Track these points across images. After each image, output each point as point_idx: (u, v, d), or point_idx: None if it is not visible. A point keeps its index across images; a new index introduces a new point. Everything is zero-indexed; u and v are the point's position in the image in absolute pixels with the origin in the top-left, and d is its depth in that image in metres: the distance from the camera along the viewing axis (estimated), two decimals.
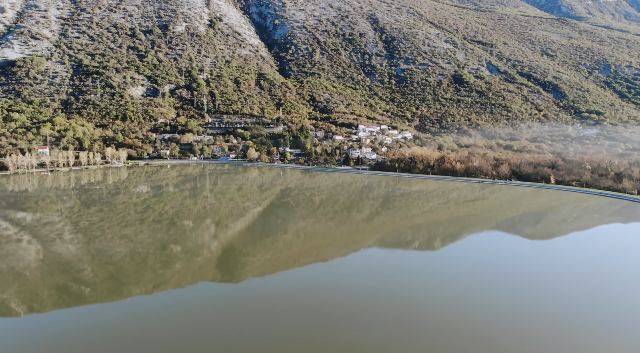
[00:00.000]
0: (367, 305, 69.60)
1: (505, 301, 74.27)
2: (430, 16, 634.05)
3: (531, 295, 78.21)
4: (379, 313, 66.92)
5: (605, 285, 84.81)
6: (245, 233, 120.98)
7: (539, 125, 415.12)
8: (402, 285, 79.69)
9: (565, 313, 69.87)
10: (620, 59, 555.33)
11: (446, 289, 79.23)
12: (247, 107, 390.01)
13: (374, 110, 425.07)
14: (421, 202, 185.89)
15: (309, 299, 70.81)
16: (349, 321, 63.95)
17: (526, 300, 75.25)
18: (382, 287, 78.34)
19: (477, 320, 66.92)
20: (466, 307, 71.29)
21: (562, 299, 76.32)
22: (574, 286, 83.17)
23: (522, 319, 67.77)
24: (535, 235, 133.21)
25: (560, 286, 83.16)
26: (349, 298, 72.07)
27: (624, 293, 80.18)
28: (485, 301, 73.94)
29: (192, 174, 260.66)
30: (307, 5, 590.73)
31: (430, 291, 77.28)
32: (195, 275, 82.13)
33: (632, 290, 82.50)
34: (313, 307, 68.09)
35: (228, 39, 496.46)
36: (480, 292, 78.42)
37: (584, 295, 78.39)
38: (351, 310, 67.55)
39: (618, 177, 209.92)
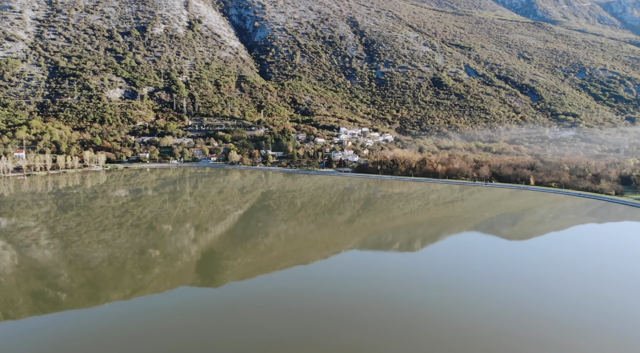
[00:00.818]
0: (347, 307, 69.89)
1: (485, 300, 75.37)
2: (409, 19, 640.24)
3: (509, 293, 79.55)
4: (359, 315, 67.27)
5: (580, 283, 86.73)
6: (226, 237, 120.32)
7: (517, 127, 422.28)
8: (382, 286, 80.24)
9: (544, 310, 71.25)
10: (595, 62, 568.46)
11: (426, 289, 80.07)
12: (228, 109, 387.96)
13: (355, 113, 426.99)
14: (402, 204, 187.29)
15: (290, 302, 70.79)
16: (330, 324, 64.13)
17: (505, 299, 76.53)
18: (362, 288, 78.75)
19: (457, 319, 67.77)
20: (445, 307, 72.14)
21: (540, 297, 77.77)
22: (552, 284, 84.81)
23: (502, 316, 68.88)
24: (513, 236, 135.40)
25: (537, 285, 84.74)
26: (330, 300, 72.27)
27: (600, 291, 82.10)
28: (464, 300, 74.91)
29: (172, 177, 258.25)
30: (286, 7, 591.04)
31: (410, 292, 77.99)
32: (174, 280, 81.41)
33: (607, 287, 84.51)
34: (294, 310, 68.09)
35: (207, 41, 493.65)
36: (459, 291, 79.42)
37: (561, 293, 80.00)
38: (332, 313, 67.75)
39: (596, 178, 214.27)
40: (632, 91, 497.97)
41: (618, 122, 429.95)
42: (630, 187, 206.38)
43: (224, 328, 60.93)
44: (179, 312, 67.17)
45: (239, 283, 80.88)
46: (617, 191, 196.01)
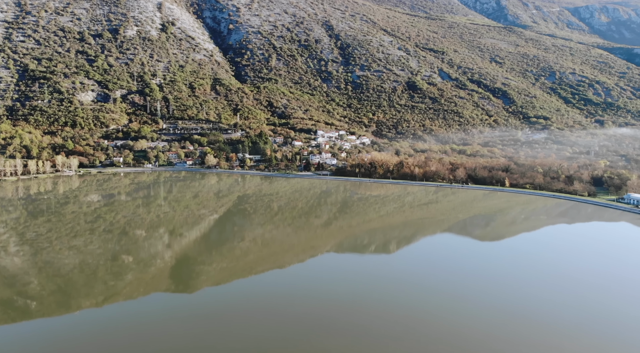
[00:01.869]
0: (323, 310, 70.09)
1: (458, 300, 76.57)
2: (384, 24, 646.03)
3: (482, 293, 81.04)
4: (335, 317, 67.54)
5: (551, 282, 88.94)
6: (201, 242, 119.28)
7: (490, 130, 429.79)
8: (358, 288, 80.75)
9: (518, 309, 72.90)
10: (565, 66, 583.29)
11: (401, 291, 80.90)
12: (203, 112, 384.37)
13: (331, 116, 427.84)
14: (378, 206, 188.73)
15: (266, 307, 70.61)
16: (307, 327, 64.24)
17: (477, 298, 77.91)
18: (338, 291, 79.11)
19: (433, 319, 68.70)
20: (421, 307, 73.07)
21: (513, 296, 79.47)
22: (524, 284, 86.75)
23: (476, 316, 70.09)
24: (486, 237, 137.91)
25: (510, 284, 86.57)
26: (306, 304, 72.37)
27: (570, 289, 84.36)
28: (439, 301, 75.99)
29: (146, 181, 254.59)
30: (261, 10, 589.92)
31: (386, 293, 78.67)
32: (148, 286, 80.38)
33: (578, 285, 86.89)
34: (270, 314, 67.96)
35: (181, 44, 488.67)
36: (434, 292, 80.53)
37: (532, 291, 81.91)
38: (308, 316, 67.85)
39: (569, 180, 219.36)
40: (600, 94, 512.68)
41: (588, 125, 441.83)
42: (602, 188, 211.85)
43: (198, 335, 60.42)
44: (152, 318, 66.36)
45: (214, 289, 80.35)
46: (590, 192, 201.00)
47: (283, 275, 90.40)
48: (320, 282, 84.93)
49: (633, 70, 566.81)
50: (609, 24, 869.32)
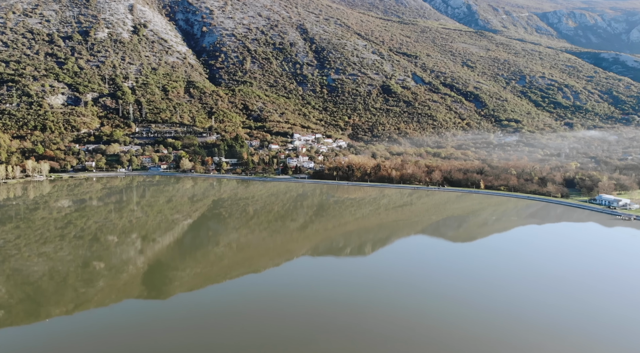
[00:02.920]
0: (298, 313, 70.13)
1: (432, 299, 77.64)
2: (357, 28, 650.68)
3: (455, 291, 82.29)
4: (311, 319, 67.67)
5: (523, 281, 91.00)
6: (174, 247, 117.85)
7: (463, 133, 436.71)
8: (333, 290, 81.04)
9: (492, 308, 74.34)
10: (535, 70, 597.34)
11: (375, 291, 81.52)
12: (177, 115, 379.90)
13: (307, 119, 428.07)
14: (354, 209, 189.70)
15: (241, 312, 70.28)
16: (282, 331, 64.16)
17: (452, 296, 79.09)
18: (314, 294, 79.26)
19: (404, 320, 69.47)
20: (395, 307, 73.77)
21: (484, 294, 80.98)
22: (494, 282, 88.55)
23: (450, 315, 71.18)
24: (458, 238, 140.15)
25: (482, 284, 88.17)
26: (281, 308, 72.26)
27: (540, 289, 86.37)
28: (414, 301, 76.89)
29: (119, 186, 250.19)
30: (235, 13, 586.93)
31: (360, 294, 79.17)
32: (120, 293, 79.05)
33: (545, 285, 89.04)
34: (244, 319, 67.63)
35: (154, 46, 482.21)
36: (408, 293, 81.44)
37: (502, 290, 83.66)
38: (283, 320, 67.78)
39: (542, 181, 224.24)
40: (569, 98, 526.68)
41: (557, 127, 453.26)
42: (574, 189, 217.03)
43: (171, 341, 59.77)
44: (124, 325, 65.33)
45: (188, 295, 79.50)
46: (563, 193, 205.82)
47: (258, 279, 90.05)
48: (295, 285, 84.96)
49: (600, 74, 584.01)
50: (576, 28, 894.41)
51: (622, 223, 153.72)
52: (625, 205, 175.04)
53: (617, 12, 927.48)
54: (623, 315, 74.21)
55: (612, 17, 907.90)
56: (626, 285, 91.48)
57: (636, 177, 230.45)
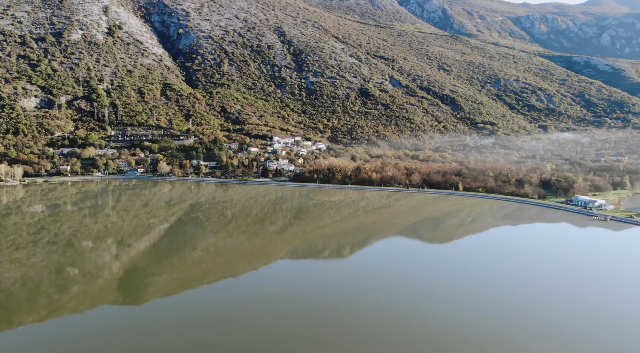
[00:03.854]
0: (276, 318, 70.01)
1: (410, 301, 78.41)
2: (335, 31, 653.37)
3: (431, 294, 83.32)
4: (289, 323, 67.63)
5: (494, 283, 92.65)
6: (150, 252, 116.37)
7: (440, 135, 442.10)
8: (311, 294, 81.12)
9: (470, 308, 75.44)
10: (509, 73, 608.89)
11: (353, 294, 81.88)
12: (153, 118, 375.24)
13: (286, 122, 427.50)
14: (333, 212, 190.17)
15: (217, 317, 69.83)
16: (259, 335, 63.96)
17: (427, 299, 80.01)
18: (292, 297, 79.21)
19: (384, 321, 69.99)
20: (372, 309, 74.26)
21: (462, 296, 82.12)
22: (472, 285, 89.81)
23: (428, 316, 71.97)
24: (435, 239, 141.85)
25: (458, 285, 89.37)
26: (258, 312, 72.02)
27: (514, 289, 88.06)
28: (389, 303, 77.50)
29: (94, 190, 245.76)
30: (212, 15, 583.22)
31: (339, 297, 79.45)
32: (94, 299, 77.73)
33: (522, 285, 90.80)
34: (222, 324, 67.22)
35: (129, 48, 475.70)
36: (386, 294, 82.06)
37: (481, 292, 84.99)
38: (260, 324, 67.59)
39: (519, 183, 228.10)
40: (543, 101, 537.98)
41: (532, 130, 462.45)
42: (551, 190, 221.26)
43: (147, 347, 59.08)
44: (98, 332, 64.29)
45: (164, 300, 78.61)
46: (540, 195, 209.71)
47: (236, 283, 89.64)
48: (274, 289, 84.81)
49: (572, 78, 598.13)
50: (548, 33, 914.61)
51: (597, 223, 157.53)
52: (601, 205, 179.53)
53: (588, 17, 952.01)
54: (603, 309, 76.22)
55: (583, 21, 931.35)
56: (603, 280, 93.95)
57: (610, 179, 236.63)
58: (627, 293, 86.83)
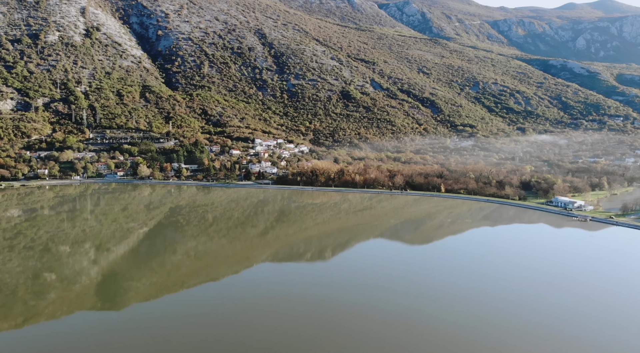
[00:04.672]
0: (256, 322, 69.90)
1: (390, 302, 79.04)
2: (316, 34, 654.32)
3: (412, 294, 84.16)
4: (269, 327, 67.59)
5: (475, 283, 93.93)
6: (129, 257, 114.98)
7: (421, 138, 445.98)
8: (292, 297, 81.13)
9: (450, 308, 76.42)
10: (487, 76, 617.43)
11: (334, 296, 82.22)
12: (133, 120, 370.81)
13: (268, 125, 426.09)
14: (315, 214, 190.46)
15: (197, 322, 69.38)
16: (239, 340, 63.80)
17: (409, 301, 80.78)
18: (272, 301, 79.14)
19: (366, 321, 70.45)
20: (353, 312, 74.66)
21: (442, 297, 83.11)
22: (450, 286, 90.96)
23: (410, 317, 72.67)
24: (415, 241, 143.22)
25: (438, 287, 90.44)
26: (238, 316, 71.85)
27: (493, 288, 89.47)
28: (370, 304, 78.00)
29: (72, 194, 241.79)
30: (191, 17, 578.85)
31: (319, 300, 79.68)
32: (72, 305, 76.61)
33: (501, 286, 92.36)
34: (202, 329, 66.80)
35: (107, 50, 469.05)
36: (367, 297, 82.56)
37: (461, 293, 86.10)
38: (241, 329, 67.40)
39: (500, 185, 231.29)
40: (521, 103, 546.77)
41: (510, 132, 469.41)
42: (531, 192, 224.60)
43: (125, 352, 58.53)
44: (76, 338, 63.44)
45: (143, 305, 77.85)
46: (521, 196, 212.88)
47: (216, 287, 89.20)
48: (254, 293, 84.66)
49: (549, 81, 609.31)
50: (525, 36, 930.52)
51: (577, 224, 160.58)
52: (580, 206, 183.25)
53: (564, 21, 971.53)
54: (585, 306, 77.91)
55: (559, 25, 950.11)
56: (585, 279, 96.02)
57: (588, 180, 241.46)
58: (610, 290, 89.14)
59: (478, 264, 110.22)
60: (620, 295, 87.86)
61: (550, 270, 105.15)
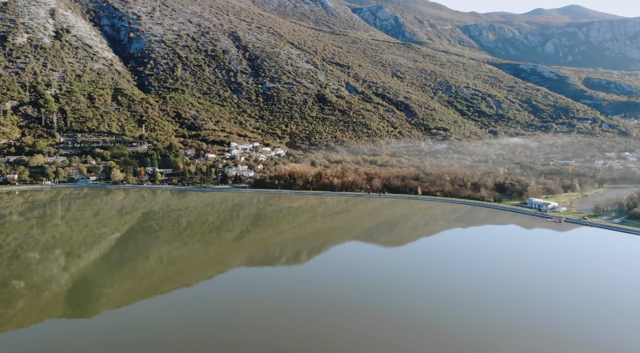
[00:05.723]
0: (229, 327, 69.59)
1: (365, 305, 79.67)
2: (290, 37, 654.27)
3: (387, 298, 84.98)
4: (242, 332, 67.35)
5: (446, 286, 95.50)
6: (101, 263, 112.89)
7: (396, 141, 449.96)
8: (265, 302, 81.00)
9: (420, 311, 77.45)
10: (459, 80, 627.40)
11: (309, 301, 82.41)
12: (105, 124, 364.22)
13: (244, 128, 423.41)
14: (291, 218, 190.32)
15: (170, 328, 68.71)
16: (213, 345, 63.40)
17: (385, 303, 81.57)
18: (246, 307, 78.89)
19: (339, 326, 70.84)
20: (328, 316, 75.00)
21: (416, 299, 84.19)
22: (424, 288, 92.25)
23: (384, 321, 73.35)
24: (390, 243, 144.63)
25: (411, 290, 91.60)
26: (212, 322, 71.37)
27: (468, 289, 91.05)
28: (346, 308, 78.50)
29: (43, 199, 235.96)
30: (164, 19, 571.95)
31: (294, 305, 79.76)
32: (41, 313, 74.91)
33: (469, 286, 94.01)
34: (174, 335, 66.16)
35: (78, 52, 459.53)
36: (341, 301, 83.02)
37: (435, 295, 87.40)
38: (214, 334, 66.98)
39: (475, 187, 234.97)
40: (492, 107, 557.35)
41: (483, 135, 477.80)
42: (505, 193, 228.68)
43: None
44: (45, 347, 62.12)
45: (115, 312, 76.62)
46: (496, 198, 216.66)
47: (189, 293, 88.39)
48: (228, 298, 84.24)
49: (520, 84, 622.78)
50: (496, 41, 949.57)
51: (547, 224, 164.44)
52: (554, 208, 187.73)
53: (533, 26, 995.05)
54: (562, 304, 79.91)
55: (528, 30, 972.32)
56: (560, 277, 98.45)
57: (560, 181, 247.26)
58: (588, 288, 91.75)
59: (454, 265, 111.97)
60: (597, 294, 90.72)
61: (527, 270, 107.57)
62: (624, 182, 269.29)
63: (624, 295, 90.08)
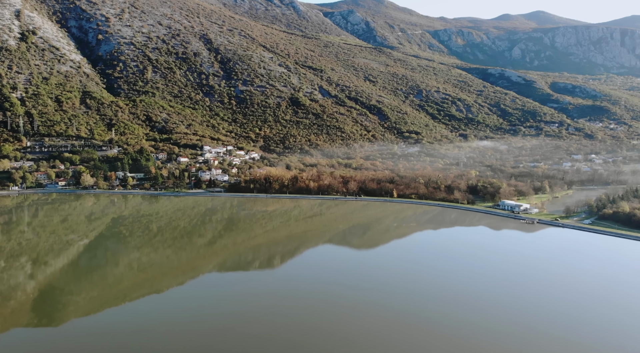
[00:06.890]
0: (200, 333, 69.15)
1: (336, 307, 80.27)
2: (262, 40, 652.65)
3: (357, 300, 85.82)
4: (214, 338, 67.04)
5: (418, 287, 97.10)
6: (68, 270, 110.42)
7: (370, 144, 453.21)
8: (237, 307, 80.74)
9: (398, 312, 78.49)
10: (430, 84, 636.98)
11: (283, 305, 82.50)
12: (73, 128, 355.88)
13: (217, 131, 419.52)
14: (265, 222, 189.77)
15: (140, 335, 67.89)
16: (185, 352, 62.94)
17: (359, 306, 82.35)
18: (218, 312, 78.50)
19: (313, 332, 71.18)
20: (302, 320, 75.29)
21: (391, 301, 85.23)
22: (400, 289, 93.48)
23: (357, 324, 74.04)
24: (362, 245, 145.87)
25: (388, 291, 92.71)
26: (183, 329, 70.76)
27: (438, 291, 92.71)
28: (320, 312, 78.93)
29: (8, 205, 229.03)
30: (133, 21, 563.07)
31: (267, 309, 79.73)
32: (6, 322, 72.90)
33: (445, 288, 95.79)
34: (144, 342, 65.39)
35: (44, 54, 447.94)
36: (315, 305, 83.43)
37: (410, 296, 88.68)
38: (184, 342, 66.47)
39: (449, 189, 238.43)
40: (462, 110, 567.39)
41: (453, 138, 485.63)
42: (478, 196, 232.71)
43: None
44: None
45: (83, 320, 75.18)
46: (469, 200, 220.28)
47: (160, 300, 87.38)
48: (199, 304, 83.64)
49: (488, 89, 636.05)
50: (464, 46, 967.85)
51: (519, 226, 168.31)
52: (526, 209, 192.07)
53: (501, 32, 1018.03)
54: (539, 303, 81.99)
55: (496, 35, 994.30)
56: (536, 277, 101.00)
57: (531, 184, 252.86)
58: (566, 286, 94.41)
59: (427, 266, 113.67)
60: (572, 292, 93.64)
61: (499, 269, 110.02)
62: (591, 184, 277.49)
63: (602, 295, 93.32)
